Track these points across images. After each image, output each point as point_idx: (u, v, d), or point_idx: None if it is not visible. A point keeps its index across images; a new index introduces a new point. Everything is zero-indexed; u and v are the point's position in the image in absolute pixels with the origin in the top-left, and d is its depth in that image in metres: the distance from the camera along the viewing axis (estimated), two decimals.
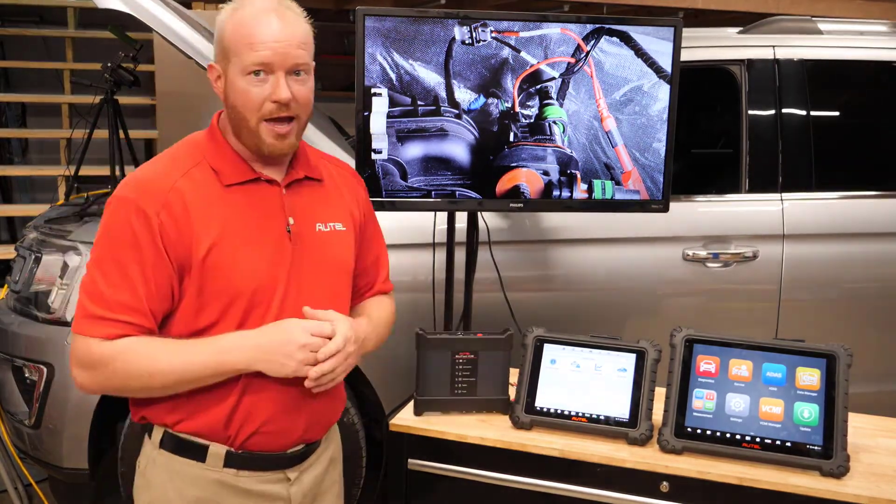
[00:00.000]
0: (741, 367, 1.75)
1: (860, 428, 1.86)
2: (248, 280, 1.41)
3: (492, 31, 2.10)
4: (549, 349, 1.86)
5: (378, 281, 1.72)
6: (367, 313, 1.65)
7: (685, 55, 2.27)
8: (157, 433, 1.47)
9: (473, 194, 2.17)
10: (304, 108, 1.46)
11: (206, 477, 1.45)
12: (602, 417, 1.78)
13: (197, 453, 1.45)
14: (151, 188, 1.39)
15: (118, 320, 1.36)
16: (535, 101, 2.15)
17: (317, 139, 2.63)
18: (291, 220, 1.48)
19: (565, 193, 2.21)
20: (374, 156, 2.11)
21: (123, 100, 4.04)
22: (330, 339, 1.41)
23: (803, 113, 2.76)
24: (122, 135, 3.92)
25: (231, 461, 1.46)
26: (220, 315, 1.41)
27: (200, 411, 1.43)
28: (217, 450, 1.45)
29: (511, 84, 2.13)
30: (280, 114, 1.42)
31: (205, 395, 1.42)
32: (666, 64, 2.17)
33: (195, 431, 1.45)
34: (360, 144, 2.10)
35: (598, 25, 2.13)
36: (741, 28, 3.00)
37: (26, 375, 2.53)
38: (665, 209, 2.27)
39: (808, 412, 1.68)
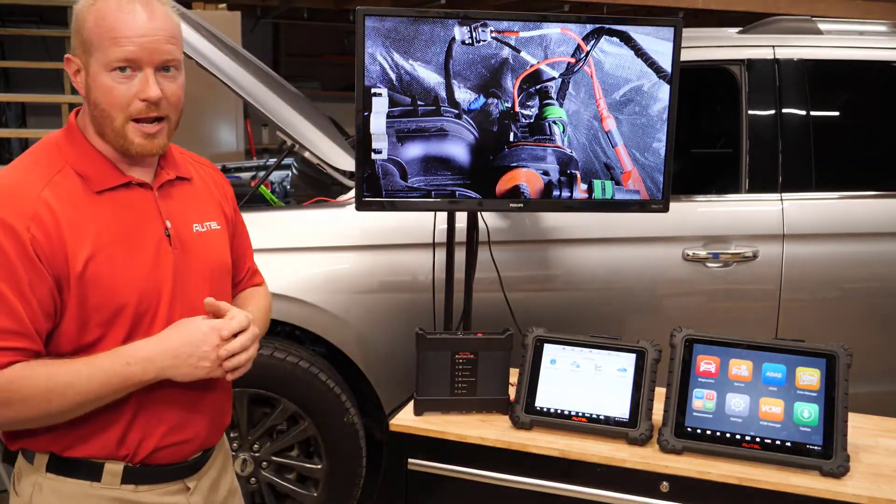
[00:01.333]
0: (741, 367, 1.75)
1: (860, 428, 1.86)
2: (131, 290, 1.33)
3: (492, 31, 2.10)
4: (549, 349, 1.86)
5: (249, 273, 1.67)
6: (246, 306, 1.56)
7: (685, 55, 2.27)
8: (41, 458, 1.36)
9: (473, 194, 2.17)
10: (175, 106, 1.38)
11: (102, 496, 1.37)
12: (602, 417, 1.78)
13: (90, 473, 1.36)
14: (16, 200, 1.27)
15: (2, 348, 1.25)
16: (535, 101, 2.15)
17: (316, 139, 2.63)
18: (169, 224, 1.40)
19: (565, 193, 2.21)
20: (374, 156, 2.11)
21: None
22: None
23: (803, 113, 2.76)
24: None
25: (129, 477, 1.38)
26: (106, 328, 1.32)
27: (89, 435, 1.34)
28: (113, 467, 1.37)
29: (511, 84, 2.13)
30: (149, 113, 1.33)
31: (92, 419, 1.33)
32: (666, 64, 2.17)
33: (89, 454, 1.36)
34: (360, 144, 2.10)
35: (598, 25, 2.13)
36: (741, 28, 3.00)
37: None
38: (665, 209, 2.27)
39: (808, 412, 1.68)
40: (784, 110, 2.75)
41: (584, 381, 1.82)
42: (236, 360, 1.35)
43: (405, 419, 1.85)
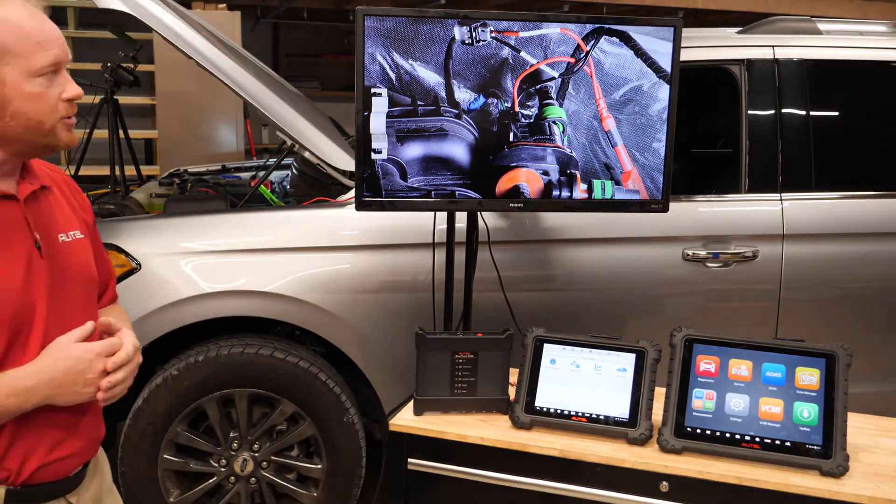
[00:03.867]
0: (741, 367, 1.75)
1: (860, 428, 1.86)
2: (7, 306, 1.28)
3: (492, 31, 2.10)
4: (548, 349, 1.86)
5: (111, 287, 1.64)
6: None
7: (685, 55, 2.27)
8: None
9: (473, 194, 2.17)
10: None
11: None
12: (602, 417, 1.78)
13: None
14: None
15: None
16: (535, 101, 2.15)
17: (316, 139, 2.63)
18: (38, 235, 1.36)
19: (565, 193, 2.21)
20: (374, 156, 2.11)
21: (123, 100, 4.04)
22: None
23: (803, 113, 2.76)
24: (121, 135, 3.92)
25: (11, 499, 1.34)
26: None
27: None
28: None
29: (511, 84, 2.13)
30: (72, 112, 1.36)
31: None
32: (666, 64, 2.17)
33: None
34: (360, 144, 2.10)
35: (597, 25, 2.14)
36: (741, 28, 3.01)
37: None
38: (665, 209, 2.27)
39: (808, 412, 1.68)
40: (784, 110, 2.75)
41: (584, 380, 1.82)
42: (112, 393, 1.36)
43: (405, 419, 1.85)
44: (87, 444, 1.46)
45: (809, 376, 1.71)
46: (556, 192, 2.20)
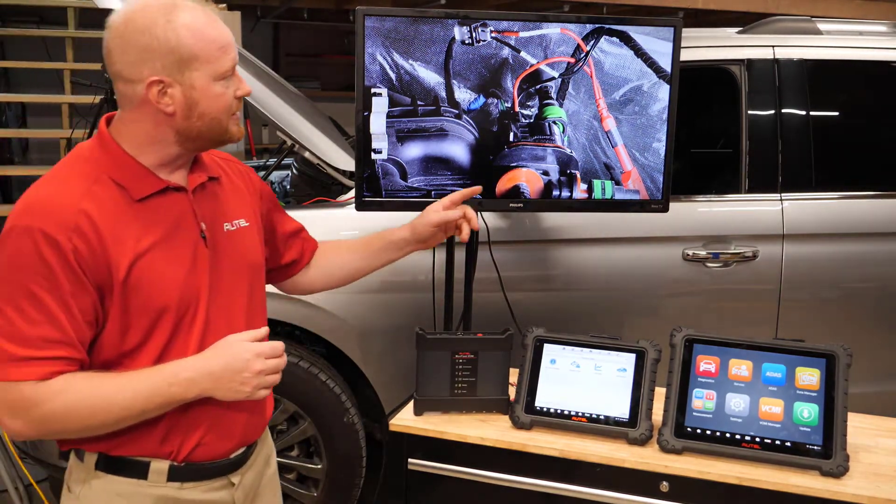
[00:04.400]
0: (741, 367, 1.75)
1: (860, 428, 1.86)
2: (173, 293, 1.37)
3: (492, 31, 2.10)
4: (548, 349, 1.86)
5: (304, 234, 1.80)
6: (338, 245, 1.81)
7: (685, 55, 2.27)
8: (91, 456, 1.40)
9: None
10: None
11: (149, 494, 1.41)
12: (602, 417, 1.78)
13: (138, 471, 1.40)
14: (57, 212, 1.28)
15: (47, 357, 1.27)
16: (535, 101, 2.15)
17: (316, 139, 2.63)
18: (203, 225, 1.44)
19: (565, 193, 2.21)
20: (374, 156, 2.11)
21: None
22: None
23: (803, 113, 2.76)
24: None
25: (174, 475, 1.42)
26: (148, 332, 1.36)
27: (135, 434, 1.38)
28: (159, 466, 1.40)
29: (511, 84, 2.13)
30: (239, 108, 1.45)
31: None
32: (666, 64, 2.17)
33: (134, 453, 1.40)
34: (360, 144, 2.10)
35: (597, 25, 2.14)
36: (741, 28, 3.01)
37: None
38: (665, 209, 2.27)
39: (808, 412, 1.68)
40: (784, 110, 2.75)
41: (584, 381, 1.82)
42: (272, 379, 1.42)
43: (405, 419, 1.85)
44: (248, 425, 1.51)
45: (809, 376, 1.71)
46: (556, 192, 2.20)
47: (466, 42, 2.09)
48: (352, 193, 2.48)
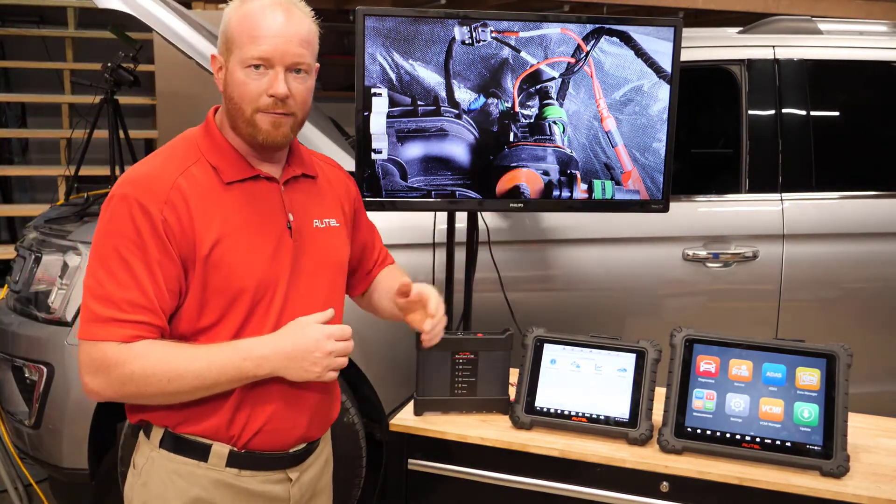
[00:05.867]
0: (741, 367, 1.75)
1: (860, 428, 1.86)
2: (251, 276, 1.41)
3: (492, 31, 2.10)
4: (549, 349, 1.86)
5: (381, 257, 1.78)
6: (395, 277, 1.71)
7: (685, 55, 2.27)
8: (157, 433, 1.45)
9: (473, 194, 2.17)
10: (301, 106, 1.46)
11: (207, 476, 1.43)
12: (602, 417, 1.78)
13: (199, 453, 1.43)
14: (153, 185, 1.37)
15: (131, 321, 1.33)
16: (535, 101, 2.15)
17: (316, 139, 2.63)
18: (291, 217, 1.48)
19: (565, 193, 2.21)
20: (374, 156, 2.11)
21: (123, 100, 4.04)
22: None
23: (803, 113, 2.76)
24: (122, 135, 3.92)
25: (234, 461, 1.44)
26: (224, 312, 1.40)
27: (203, 412, 1.41)
28: (220, 449, 1.43)
29: (511, 84, 2.13)
30: (276, 109, 1.41)
31: (206, 396, 1.40)
32: (666, 64, 2.17)
33: (198, 433, 1.43)
34: (360, 144, 2.10)
35: (598, 25, 2.13)
36: (741, 28, 3.00)
37: (26, 375, 2.53)
38: (665, 209, 2.27)
39: (808, 412, 1.68)
40: (784, 110, 2.75)
41: (584, 381, 1.82)
42: (336, 364, 1.44)
43: (405, 419, 1.85)
44: (309, 421, 1.51)
45: (810, 376, 1.71)
46: (556, 192, 2.20)
47: (466, 42, 2.09)
48: None
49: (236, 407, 1.42)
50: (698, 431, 1.71)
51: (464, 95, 2.11)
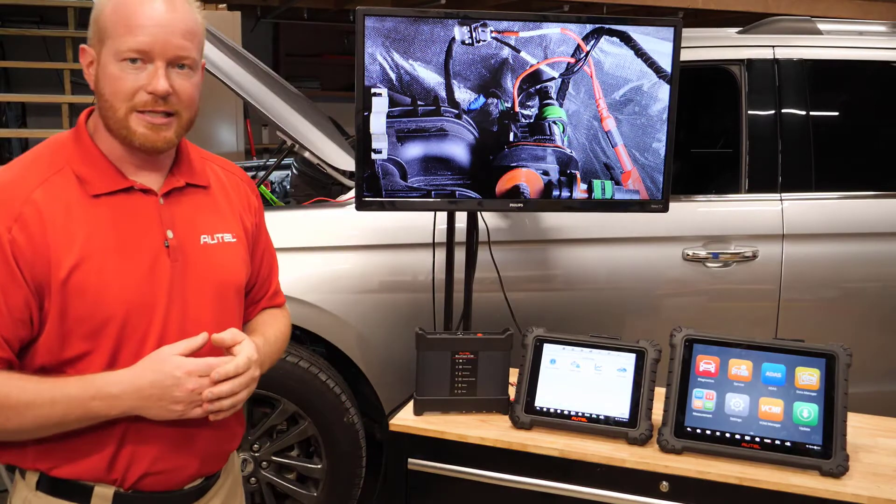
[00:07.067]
0: (741, 367, 1.75)
1: (860, 428, 1.86)
2: (119, 303, 1.24)
3: (492, 31, 2.10)
4: (548, 349, 1.86)
5: (270, 293, 1.56)
6: (261, 332, 1.46)
7: (685, 55, 2.27)
8: (32, 475, 1.30)
9: (473, 194, 2.17)
10: (188, 105, 1.30)
11: None
12: (602, 417, 1.78)
13: (80, 496, 1.28)
14: (2, 200, 1.21)
15: None
16: (535, 101, 2.15)
17: (316, 139, 2.63)
18: (170, 234, 1.31)
19: (565, 193, 2.21)
20: (374, 156, 2.11)
21: None
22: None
23: (803, 113, 2.76)
24: None
25: (121, 503, 1.30)
26: (92, 342, 1.24)
27: (77, 456, 1.27)
28: (103, 491, 1.29)
29: (511, 84, 2.13)
30: (155, 107, 1.25)
31: (80, 439, 1.26)
32: (666, 64, 2.17)
33: (75, 476, 1.28)
34: (360, 144, 2.10)
35: (597, 25, 2.14)
36: (741, 28, 3.01)
37: None
38: (665, 209, 2.27)
39: (808, 412, 1.68)
40: (784, 110, 2.75)
41: (584, 380, 1.82)
42: (218, 405, 1.26)
43: (405, 419, 1.85)
44: (203, 458, 1.37)
45: (809, 376, 1.71)
46: (556, 192, 2.20)
47: (466, 42, 2.09)
48: (352, 193, 2.48)
49: (115, 451, 1.28)
50: (698, 431, 1.71)
51: (464, 95, 2.11)
